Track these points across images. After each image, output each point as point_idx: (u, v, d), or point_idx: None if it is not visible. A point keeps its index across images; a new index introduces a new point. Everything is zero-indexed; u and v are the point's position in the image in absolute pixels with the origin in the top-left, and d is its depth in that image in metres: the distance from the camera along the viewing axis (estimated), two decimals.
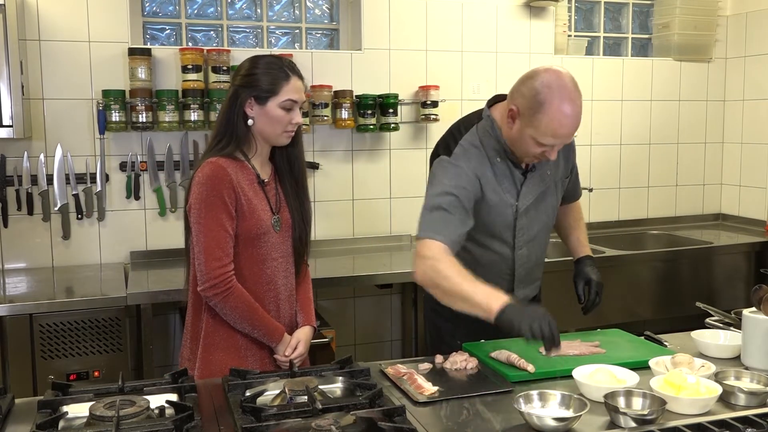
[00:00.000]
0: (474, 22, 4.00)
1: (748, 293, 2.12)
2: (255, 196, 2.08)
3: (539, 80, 1.97)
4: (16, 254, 3.35)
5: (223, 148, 2.07)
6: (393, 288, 3.87)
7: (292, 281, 2.22)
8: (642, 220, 4.52)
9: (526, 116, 2.00)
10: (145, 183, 3.50)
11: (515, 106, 2.03)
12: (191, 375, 2.07)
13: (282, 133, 2.09)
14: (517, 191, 2.20)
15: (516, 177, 2.19)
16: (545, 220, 2.31)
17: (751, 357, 1.93)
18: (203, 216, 2.01)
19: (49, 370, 2.78)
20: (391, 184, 3.94)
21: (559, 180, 2.32)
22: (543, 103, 1.95)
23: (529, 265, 2.31)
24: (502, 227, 2.22)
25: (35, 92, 3.30)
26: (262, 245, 2.10)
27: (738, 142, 4.58)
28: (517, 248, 2.26)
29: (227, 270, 2.02)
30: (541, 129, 1.98)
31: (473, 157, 2.14)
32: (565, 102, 1.95)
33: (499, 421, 1.62)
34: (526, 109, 1.99)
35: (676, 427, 1.49)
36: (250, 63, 2.10)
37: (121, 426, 1.48)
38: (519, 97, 2.02)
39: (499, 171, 2.17)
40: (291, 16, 4.00)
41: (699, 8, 4.44)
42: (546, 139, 2.00)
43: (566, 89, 1.96)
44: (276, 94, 2.04)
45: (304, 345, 2.18)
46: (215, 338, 2.09)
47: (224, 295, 2.01)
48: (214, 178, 2.00)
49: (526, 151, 2.08)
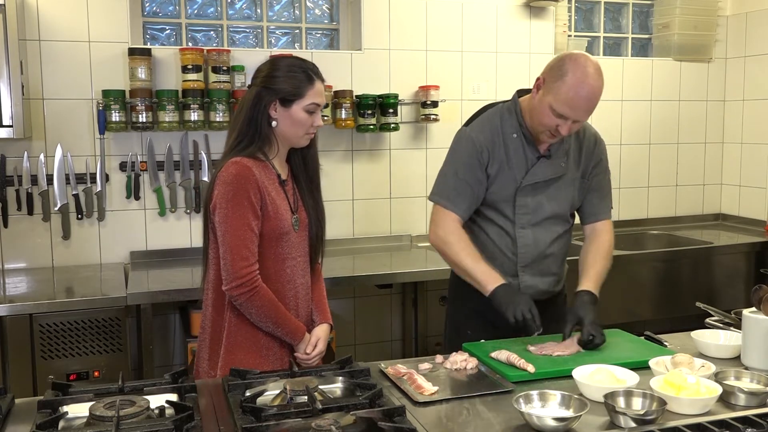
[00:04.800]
0: (474, 22, 4.00)
1: (748, 293, 2.12)
2: (277, 196, 2.10)
3: (569, 56, 2.15)
4: (16, 254, 3.35)
5: (245, 148, 2.08)
6: (393, 288, 3.88)
7: (309, 280, 2.25)
8: (642, 220, 4.52)
9: (549, 84, 2.15)
10: (145, 183, 3.50)
11: (542, 76, 2.19)
12: (212, 375, 2.08)
13: (303, 135, 2.11)
14: (526, 170, 2.29)
15: (529, 157, 2.29)
16: (555, 210, 2.33)
17: (751, 357, 1.93)
18: (230, 215, 2.01)
19: (49, 370, 2.78)
20: (391, 184, 3.94)
21: (578, 178, 2.36)
22: (566, 72, 2.11)
23: (536, 252, 2.33)
24: (504, 201, 2.30)
25: (35, 92, 3.30)
26: (284, 244, 2.12)
27: (738, 142, 4.58)
28: (518, 226, 2.31)
29: (253, 269, 2.03)
30: (560, 96, 2.11)
31: (486, 129, 2.31)
32: (586, 76, 2.10)
33: (499, 421, 1.62)
34: (550, 77, 2.15)
35: (676, 427, 1.49)
36: (272, 65, 2.10)
37: (121, 426, 1.47)
38: (548, 70, 2.19)
39: (512, 146, 2.29)
40: (291, 16, 4.00)
41: (699, 8, 4.44)
42: (562, 108, 2.12)
43: (590, 67, 2.11)
44: (301, 97, 2.06)
45: (323, 343, 2.21)
46: (238, 338, 2.10)
47: (250, 294, 2.02)
48: (240, 177, 2.01)
49: (542, 121, 2.19)
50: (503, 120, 2.31)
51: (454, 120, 3.88)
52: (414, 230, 3.98)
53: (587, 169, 2.38)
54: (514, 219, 2.31)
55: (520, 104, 2.31)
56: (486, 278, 2.19)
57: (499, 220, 2.33)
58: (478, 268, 2.21)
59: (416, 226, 3.97)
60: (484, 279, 2.19)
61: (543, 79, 2.18)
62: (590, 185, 2.39)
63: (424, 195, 3.95)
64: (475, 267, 2.21)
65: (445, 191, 2.31)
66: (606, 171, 2.43)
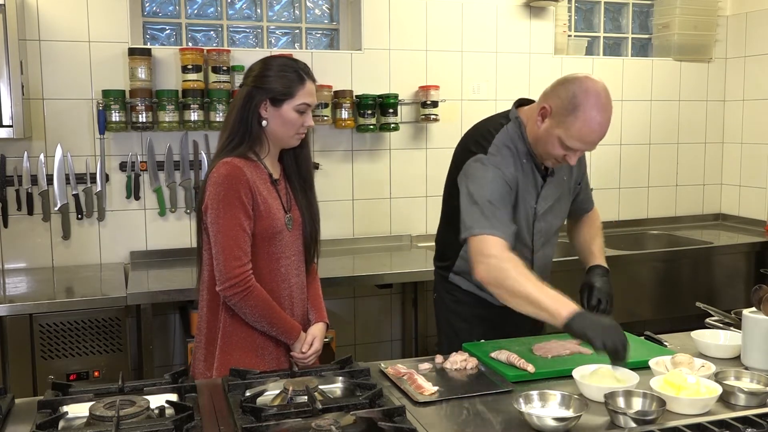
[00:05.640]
0: (474, 22, 4.00)
1: (748, 293, 2.12)
2: (269, 195, 2.10)
3: (578, 84, 2.02)
4: (16, 254, 3.35)
5: (235, 148, 2.08)
6: (393, 288, 3.87)
7: (304, 279, 2.25)
8: (642, 220, 4.52)
9: (559, 117, 2.04)
10: (145, 183, 3.50)
11: (549, 105, 2.06)
12: (208, 376, 2.08)
13: (294, 135, 2.12)
14: (537, 194, 2.24)
15: (537, 180, 2.24)
16: (558, 224, 2.37)
17: (751, 357, 1.93)
18: (221, 216, 2.01)
19: (49, 370, 2.78)
20: (391, 184, 3.93)
21: (572, 186, 2.39)
22: (578, 106, 1.99)
23: (547, 269, 2.36)
24: (523, 229, 2.24)
25: (35, 92, 3.30)
26: (277, 244, 2.12)
27: (738, 142, 4.58)
28: (535, 250, 2.30)
29: (246, 269, 2.03)
30: (571, 131, 2.02)
31: (507, 157, 2.17)
32: (599, 110, 1.99)
33: (499, 421, 1.62)
34: (560, 109, 2.03)
35: (676, 427, 1.49)
36: (263, 64, 2.11)
37: (121, 426, 1.47)
38: (554, 98, 2.06)
39: (524, 172, 2.22)
40: (291, 16, 4.00)
41: (699, 8, 4.44)
42: (573, 143, 2.04)
43: (602, 98, 2.00)
44: (292, 97, 2.07)
45: (319, 341, 2.21)
46: (233, 338, 2.10)
47: (244, 294, 2.02)
48: (231, 177, 2.01)
49: (549, 152, 2.12)
50: (516, 145, 2.19)
51: (454, 120, 3.89)
52: (414, 230, 3.98)
53: (579, 175, 2.41)
54: (532, 245, 2.28)
55: (523, 125, 2.20)
56: (557, 305, 1.86)
57: (517, 246, 2.17)
58: (545, 294, 1.89)
59: (416, 226, 3.97)
60: (555, 306, 1.86)
61: (550, 109, 2.05)
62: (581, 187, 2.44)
63: (424, 195, 3.96)
64: (541, 294, 1.89)
65: (481, 221, 2.05)
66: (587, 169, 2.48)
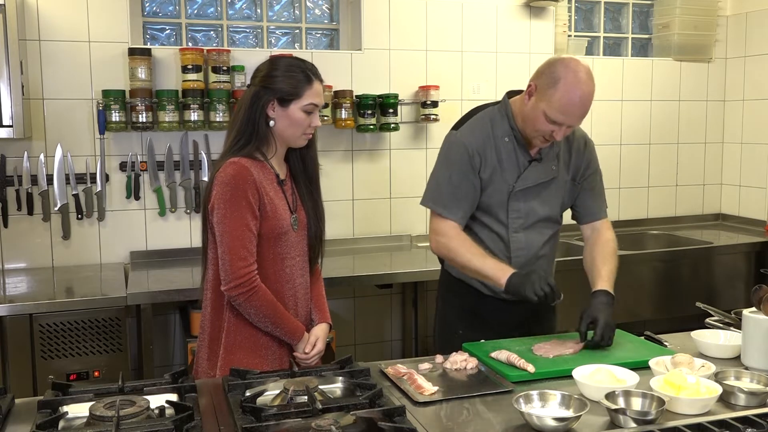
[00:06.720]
0: (474, 22, 4.00)
1: (748, 293, 2.12)
2: (276, 195, 2.10)
3: (561, 62, 2.15)
4: (16, 254, 3.35)
5: (242, 147, 2.08)
6: (393, 288, 3.87)
7: (308, 279, 2.25)
8: (642, 220, 4.52)
9: (542, 91, 2.14)
10: (145, 183, 3.50)
11: (534, 83, 2.18)
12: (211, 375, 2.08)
13: (301, 135, 2.12)
14: (518, 174, 2.28)
15: (521, 161, 2.29)
16: (547, 213, 2.34)
17: (751, 357, 1.93)
18: (228, 216, 2.01)
19: (49, 370, 2.78)
20: (391, 184, 3.93)
21: (568, 180, 2.37)
22: (559, 79, 2.10)
23: (529, 254, 2.33)
24: (497, 206, 2.29)
25: (35, 92, 3.30)
26: (282, 244, 2.12)
27: (738, 142, 4.58)
28: (511, 230, 2.31)
29: (252, 269, 2.03)
30: (553, 103, 2.11)
31: (478, 133, 2.29)
32: (578, 82, 2.10)
33: (499, 421, 1.62)
34: (542, 84, 2.14)
35: (676, 427, 1.49)
36: (271, 65, 2.11)
37: (121, 426, 1.47)
38: (539, 76, 2.18)
39: (504, 150, 2.28)
40: (291, 16, 4.00)
41: (699, 8, 4.44)
42: (556, 115, 2.12)
43: (581, 73, 2.11)
44: (299, 97, 2.07)
45: (322, 342, 2.21)
46: (237, 338, 2.10)
47: (249, 295, 2.03)
48: (238, 177, 2.02)
49: (536, 127, 2.19)
50: (494, 123, 2.29)
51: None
52: (414, 230, 3.98)
53: (578, 171, 2.39)
54: (507, 223, 2.31)
55: (511, 107, 2.29)
56: (497, 273, 2.15)
57: (492, 224, 2.32)
58: (486, 264, 2.19)
59: (416, 226, 3.97)
60: (495, 274, 2.15)
61: (535, 86, 2.17)
62: (582, 186, 2.41)
63: None
64: (483, 265, 2.19)
65: (440, 198, 2.29)
66: (597, 171, 2.44)
